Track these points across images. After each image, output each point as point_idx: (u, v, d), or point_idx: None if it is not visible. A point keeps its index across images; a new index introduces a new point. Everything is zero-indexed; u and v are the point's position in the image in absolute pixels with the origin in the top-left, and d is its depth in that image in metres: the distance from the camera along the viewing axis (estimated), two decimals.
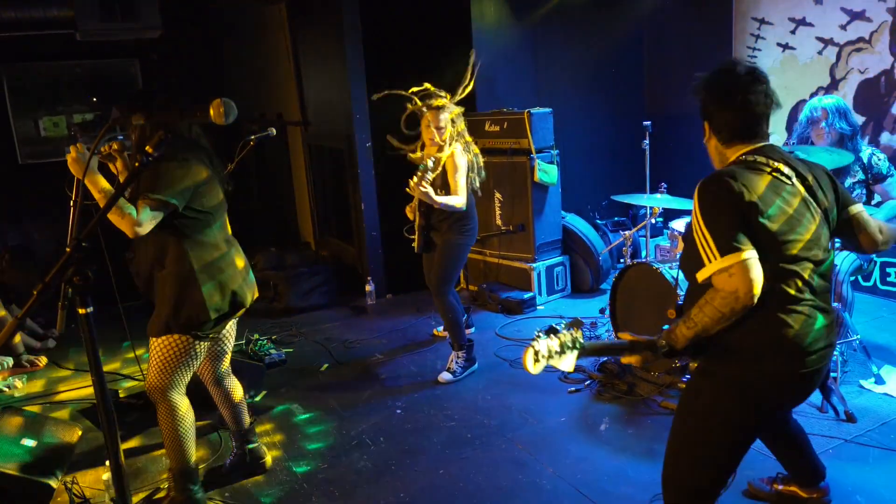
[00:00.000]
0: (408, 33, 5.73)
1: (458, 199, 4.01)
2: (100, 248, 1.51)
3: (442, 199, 3.96)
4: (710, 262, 1.93)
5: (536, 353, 1.84)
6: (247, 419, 3.33)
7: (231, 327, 3.12)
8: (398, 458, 3.40)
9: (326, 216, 7.02)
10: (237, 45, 7.53)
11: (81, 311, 1.51)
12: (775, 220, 1.97)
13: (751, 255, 1.89)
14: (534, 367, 1.84)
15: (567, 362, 1.90)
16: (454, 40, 5.67)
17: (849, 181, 3.85)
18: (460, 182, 4.02)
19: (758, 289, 1.88)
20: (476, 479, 3.19)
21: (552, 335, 1.87)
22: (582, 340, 1.92)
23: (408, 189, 3.95)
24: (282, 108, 7.13)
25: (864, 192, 3.86)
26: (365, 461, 3.42)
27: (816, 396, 3.54)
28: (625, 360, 2.11)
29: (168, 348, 2.78)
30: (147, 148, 1.50)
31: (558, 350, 1.87)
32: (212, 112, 1.54)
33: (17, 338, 4.97)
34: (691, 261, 2.04)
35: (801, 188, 2.07)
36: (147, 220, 2.48)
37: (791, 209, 2.01)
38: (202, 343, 2.84)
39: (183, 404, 2.92)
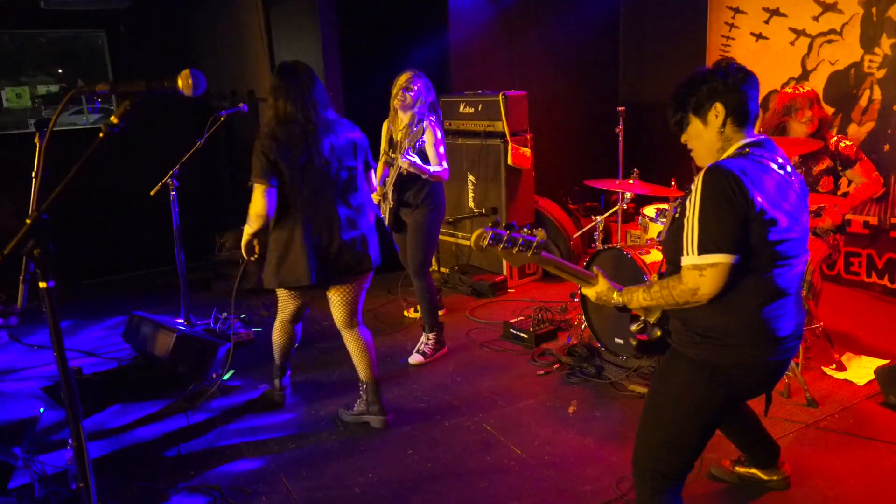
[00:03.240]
0: (383, 12, 5.65)
1: (442, 168, 4.04)
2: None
3: (432, 169, 3.97)
4: (687, 253, 1.95)
5: (492, 235, 1.93)
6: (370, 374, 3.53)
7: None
8: (367, 439, 3.40)
9: None
10: (208, 19, 7.36)
11: (42, 284, 1.46)
12: (777, 222, 1.95)
13: (727, 261, 1.91)
14: (480, 242, 1.92)
15: (513, 258, 1.98)
16: (430, 20, 5.62)
17: (816, 168, 3.91)
18: (440, 151, 4.03)
19: (716, 294, 1.95)
20: (444, 460, 3.20)
21: (513, 230, 1.96)
22: (538, 243, 1.96)
23: (396, 163, 3.95)
24: (253, 85, 6.99)
25: (833, 178, 3.93)
26: (333, 441, 3.41)
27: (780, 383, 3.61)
28: (584, 290, 2.27)
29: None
30: (112, 118, 1.45)
31: (511, 243, 1.95)
32: (180, 83, 1.50)
33: None
34: (675, 242, 2.05)
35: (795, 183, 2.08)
36: None
37: (791, 208, 2.01)
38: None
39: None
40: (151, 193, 4.37)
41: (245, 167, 3.29)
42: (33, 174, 2.66)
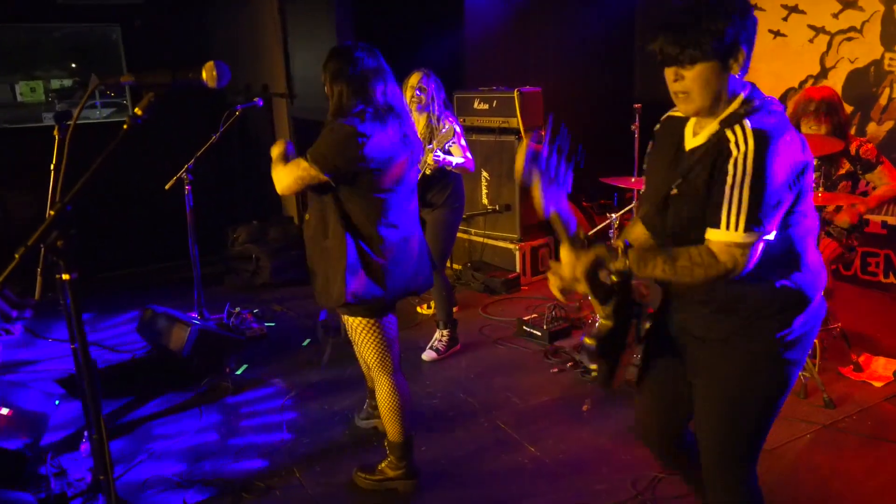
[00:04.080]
0: (399, 7, 5.63)
1: (467, 159, 4.05)
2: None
3: (456, 160, 3.98)
4: (727, 229, 1.66)
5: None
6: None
7: None
8: (380, 435, 3.38)
9: None
10: (223, 13, 7.36)
11: (65, 276, 1.46)
12: (808, 184, 1.76)
13: (768, 237, 1.70)
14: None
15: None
16: (445, 15, 5.59)
17: (836, 173, 3.87)
18: (463, 143, 4.04)
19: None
20: (457, 458, 3.19)
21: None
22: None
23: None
24: (267, 80, 7.00)
25: (852, 182, 3.88)
26: (347, 437, 3.40)
27: (797, 382, 3.58)
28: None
29: None
30: (136, 110, 1.44)
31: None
32: (204, 74, 1.49)
33: None
34: (683, 209, 1.78)
35: None
36: None
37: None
38: None
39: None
40: (167, 188, 4.37)
41: (258, 162, 3.24)
42: (52, 167, 2.66)
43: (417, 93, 3.98)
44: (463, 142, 4.06)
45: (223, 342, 4.10)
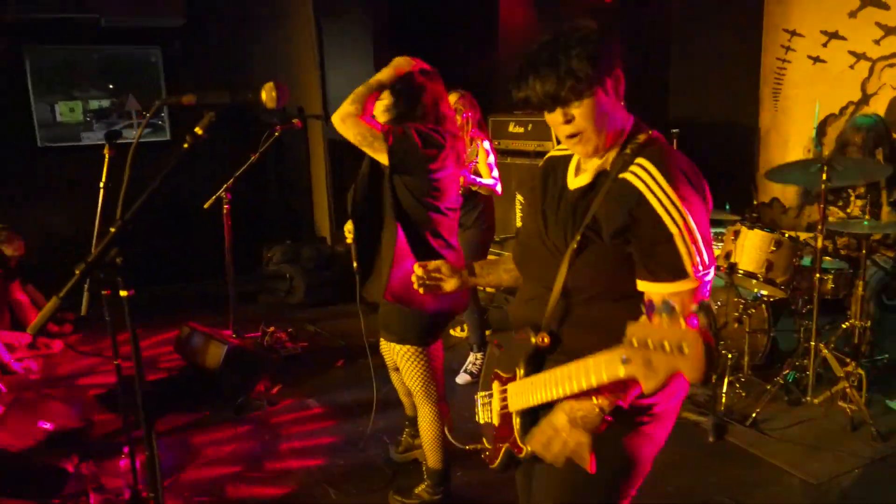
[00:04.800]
0: (435, 30, 5.69)
1: (494, 181, 4.04)
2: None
3: (485, 181, 3.98)
4: (695, 272, 1.46)
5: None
6: None
7: None
8: (416, 466, 3.35)
9: (344, 212, 6.98)
10: (261, 35, 7.50)
11: (123, 293, 1.47)
12: None
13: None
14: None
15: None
16: (480, 37, 5.64)
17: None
18: (490, 161, 4.05)
19: None
20: (490, 482, 3.14)
21: None
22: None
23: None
24: (303, 102, 7.10)
25: None
26: (381, 458, 3.38)
27: (843, 415, 3.49)
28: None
29: None
30: (197, 129, 1.46)
31: None
32: (263, 95, 1.51)
33: (35, 318, 4.95)
34: (620, 266, 1.53)
35: None
36: None
37: None
38: None
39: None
40: (206, 206, 4.42)
41: (292, 183, 3.23)
42: (101, 184, 2.71)
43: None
44: (491, 159, 4.05)
45: (258, 361, 4.11)
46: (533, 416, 1.58)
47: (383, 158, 2.47)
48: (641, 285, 1.51)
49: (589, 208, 1.54)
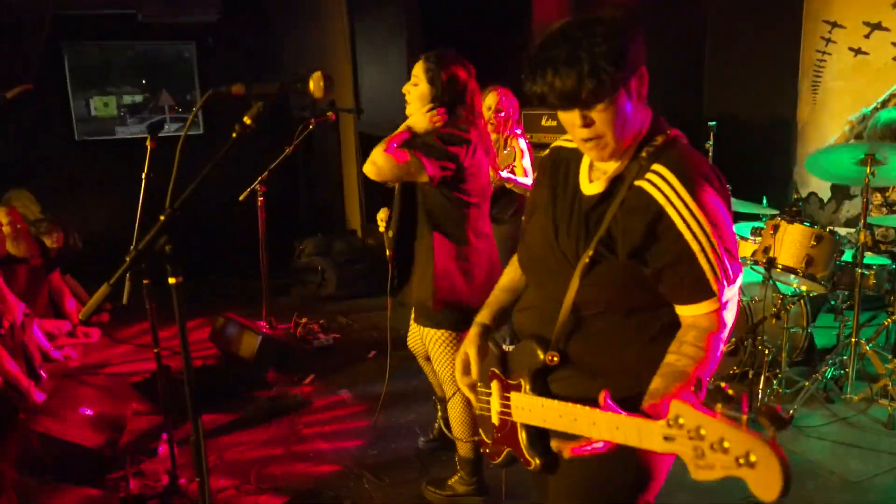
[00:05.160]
0: (468, 24, 5.68)
1: (528, 180, 4.00)
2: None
3: (522, 180, 3.94)
4: (721, 290, 1.39)
5: None
6: None
7: None
8: (446, 451, 3.36)
9: (375, 205, 7.01)
10: (293, 30, 7.56)
11: (172, 280, 1.50)
12: None
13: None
14: None
15: None
16: (514, 30, 5.61)
17: None
18: (526, 163, 4.02)
19: None
20: (523, 478, 3.14)
21: None
22: None
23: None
24: (335, 95, 7.13)
25: None
26: (414, 449, 3.39)
27: (883, 412, 3.43)
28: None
29: None
30: (245, 119, 1.48)
31: None
32: (311, 85, 1.52)
33: (74, 308, 5.06)
34: (634, 283, 1.45)
35: None
36: None
37: None
38: None
39: None
40: (241, 199, 4.47)
41: (323, 176, 3.25)
42: (143, 175, 2.75)
43: (495, 115, 3.95)
44: (526, 161, 4.02)
45: (291, 352, 4.16)
46: (543, 437, 1.51)
47: (425, 177, 2.50)
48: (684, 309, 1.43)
49: (602, 220, 1.43)
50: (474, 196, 2.64)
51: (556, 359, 1.48)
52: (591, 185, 1.50)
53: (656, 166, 1.39)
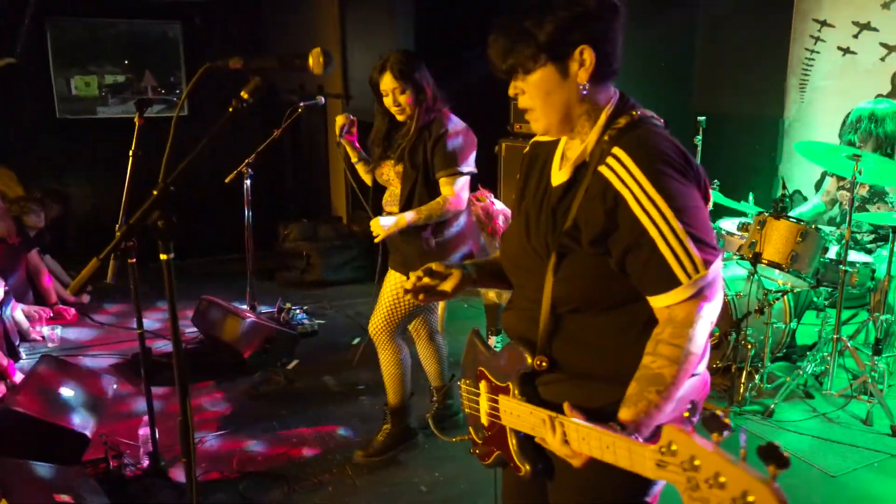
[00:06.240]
0: (460, 12, 5.64)
1: None
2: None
3: None
4: (688, 277, 1.28)
5: None
6: (446, 376, 3.40)
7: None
8: (431, 440, 3.35)
9: (361, 192, 6.97)
10: (282, 12, 7.47)
11: (163, 256, 1.47)
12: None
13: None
14: None
15: None
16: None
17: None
18: None
19: None
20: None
21: None
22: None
23: None
24: (323, 80, 7.07)
25: None
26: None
27: (862, 408, 3.47)
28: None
29: None
30: (243, 94, 1.45)
31: None
32: (311, 61, 1.50)
33: (52, 287, 4.99)
34: (603, 276, 1.38)
35: None
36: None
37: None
38: None
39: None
40: (227, 181, 4.41)
41: (310, 161, 3.27)
42: (131, 153, 2.70)
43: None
44: None
45: (275, 336, 4.12)
46: (534, 444, 1.46)
47: None
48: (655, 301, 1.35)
49: (569, 211, 1.37)
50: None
51: (544, 364, 1.43)
52: (559, 172, 1.46)
53: (615, 149, 1.33)
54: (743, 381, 3.58)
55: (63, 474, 2.62)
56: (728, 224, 4.29)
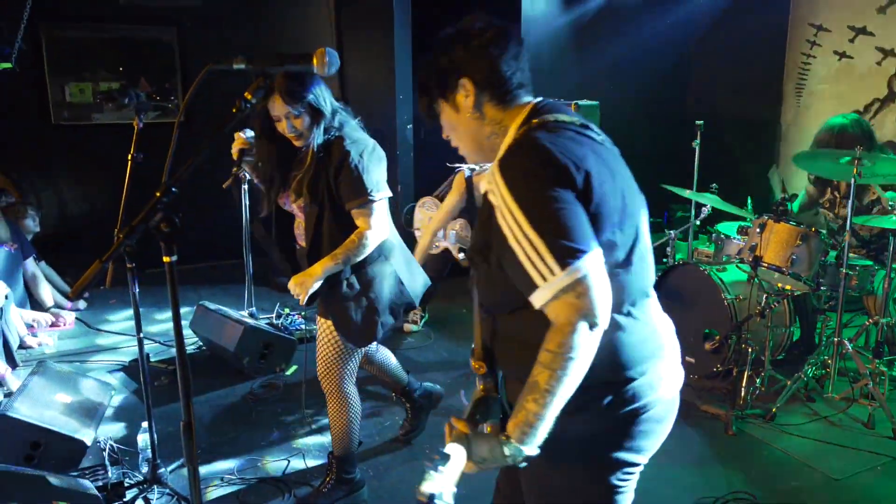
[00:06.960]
0: (458, 16, 5.64)
1: None
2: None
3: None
4: (543, 279, 1.29)
5: None
6: (403, 374, 3.31)
7: None
8: (432, 443, 3.34)
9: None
10: (278, 18, 7.46)
11: (166, 259, 1.45)
12: (609, 204, 1.38)
13: (598, 256, 1.31)
14: None
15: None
16: (502, 15, 5.59)
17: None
18: None
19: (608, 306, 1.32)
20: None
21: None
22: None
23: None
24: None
25: None
26: (399, 446, 3.36)
27: (864, 412, 3.47)
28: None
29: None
30: (246, 94, 1.43)
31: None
32: (315, 61, 1.48)
33: (48, 293, 4.95)
34: (507, 283, 1.39)
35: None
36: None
37: (623, 184, 1.46)
38: None
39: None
40: (224, 186, 4.38)
41: None
42: (129, 157, 2.69)
43: None
44: None
45: (274, 342, 4.09)
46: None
47: None
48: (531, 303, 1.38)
49: (487, 219, 1.43)
50: None
51: (482, 369, 1.50)
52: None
53: (494, 165, 1.41)
54: (744, 384, 3.57)
55: (61, 481, 2.59)
56: (727, 228, 4.30)
